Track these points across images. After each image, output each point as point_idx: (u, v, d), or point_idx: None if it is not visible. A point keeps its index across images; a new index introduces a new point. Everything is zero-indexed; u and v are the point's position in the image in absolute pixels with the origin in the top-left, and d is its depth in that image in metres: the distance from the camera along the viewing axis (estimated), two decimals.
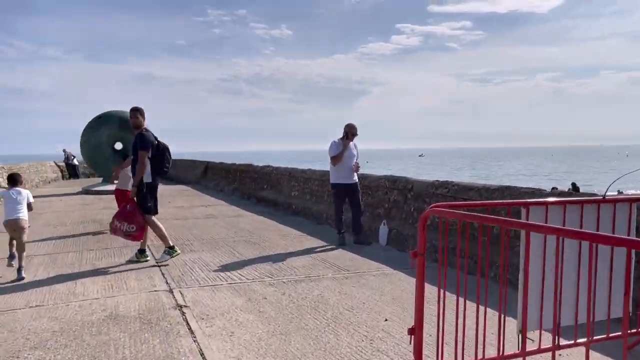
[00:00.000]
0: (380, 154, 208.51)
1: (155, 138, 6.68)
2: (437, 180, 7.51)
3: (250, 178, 15.93)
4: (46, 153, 32.12)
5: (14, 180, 6.35)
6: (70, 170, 28.16)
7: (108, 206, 13.22)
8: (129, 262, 6.67)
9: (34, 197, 6.59)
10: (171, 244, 6.72)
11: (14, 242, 5.97)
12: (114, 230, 6.58)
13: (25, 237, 6.05)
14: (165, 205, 13.74)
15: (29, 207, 6.25)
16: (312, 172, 11.54)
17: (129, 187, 7.42)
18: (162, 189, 20.19)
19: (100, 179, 19.00)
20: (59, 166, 28.11)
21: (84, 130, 18.18)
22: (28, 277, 5.90)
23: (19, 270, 5.89)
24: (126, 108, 19.58)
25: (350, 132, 7.98)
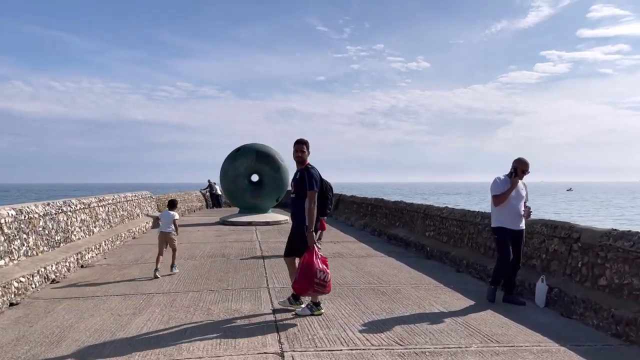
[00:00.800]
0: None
1: (319, 176, 6.02)
2: (614, 230, 5.94)
3: (381, 214, 15.06)
4: (197, 182, 34.89)
5: (171, 204, 9.07)
6: (213, 200, 29.79)
7: (239, 239, 13.22)
8: (278, 310, 6.02)
9: (181, 224, 9.31)
10: (319, 299, 5.97)
11: (161, 257, 8.41)
12: (304, 291, 5.73)
13: (175, 244, 8.84)
14: None
15: (174, 224, 8.80)
16: (450, 211, 10.33)
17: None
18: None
19: (237, 210, 19.52)
20: (203, 195, 29.90)
21: (224, 162, 18.88)
22: (141, 320, 5.61)
23: (172, 266, 8.68)
24: (269, 140, 20.29)
25: (520, 168, 6.67)
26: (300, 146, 6.00)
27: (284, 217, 18.55)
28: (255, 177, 19.25)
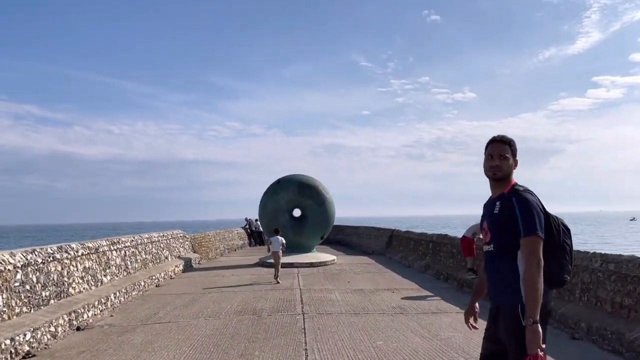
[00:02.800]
0: (581, 218, 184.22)
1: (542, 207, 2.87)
2: None
3: (446, 253, 12.63)
4: (240, 218, 33.31)
5: (276, 231, 12.49)
6: (255, 237, 27.97)
7: (278, 286, 11.10)
8: None
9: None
10: None
11: (275, 270, 11.85)
12: None
13: (280, 261, 12.02)
14: (343, 284, 11.19)
15: (283, 246, 12.20)
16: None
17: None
18: (343, 260, 18.10)
19: None
20: (246, 232, 28.14)
21: (263, 195, 17.03)
22: None
23: (276, 277, 11.66)
24: (316, 174, 18.41)
25: None
26: (501, 147, 2.93)
27: (330, 256, 16.35)
28: (297, 212, 17.27)
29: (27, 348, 5.91)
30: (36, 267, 6.90)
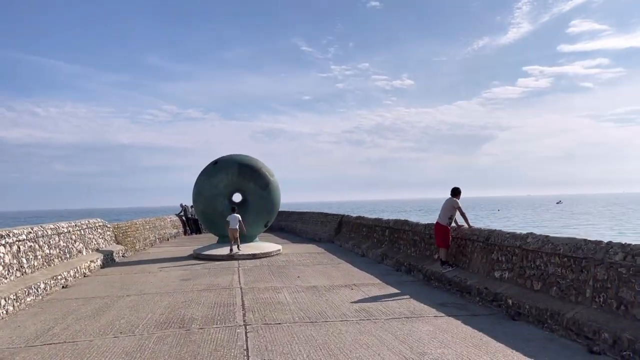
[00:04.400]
0: (512, 202, 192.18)
1: None
2: None
3: (407, 241, 11.24)
4: (175, 205, 30.77)
5: (233, 209, 13.84)
6: (191, 225, 25.77)
7: (214, 284, 9.27)
8: None
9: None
10: None
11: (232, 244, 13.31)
12: None
13: (239, 233, 13.31)
14: (292, 280, 9.54)
15: (241, 224, 13.30)
16: (541, 241, 6.53)
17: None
18: (289, 249, 16.40)
19: (216, 239, 15.57)
20: (181, 219, 25.86)
21: (198, 178, 14.98)
22: None
23: (238, 247, 13.35)
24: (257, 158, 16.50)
25: None
26: None
27: (275, 246, 14.63)
28: (237, 197, 15.38)
29: None
30: None
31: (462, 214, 8.63)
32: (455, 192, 8.81)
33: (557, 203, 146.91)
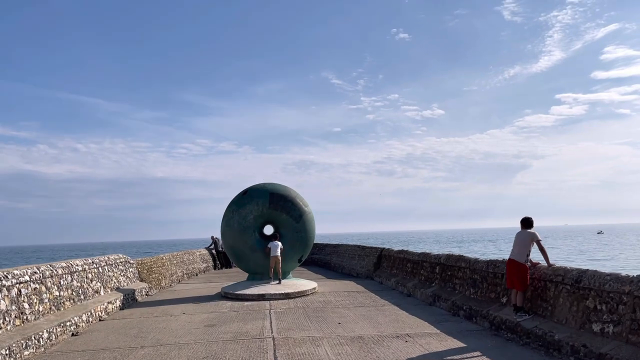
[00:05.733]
0: (550, 232, 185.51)
1: None
2: None
3: (462, 279, 9.74)
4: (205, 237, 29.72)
5: (274, 235, 13.29)
6: (221, 259, 24.64)
7: (242, 332, 7.93)
8: None
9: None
10: None
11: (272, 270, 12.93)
12: None
13: (280, 265, 12.85)
14: (332, 328, 8.12)
15: (282, 251, 12.85)
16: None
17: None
18: (326, 287, 14.93)
19: (246, 276, 14.29)
20: (210, 253, 24.78)
21: (226, 209, 13.84)
22: None
23: (279, 279, 12.88)
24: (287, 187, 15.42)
25: None
26: None
27: (310, 284, 13.26)
28: (269, 229, 14.14)
29: None
30: None
31: (542, 250, 7.14)
32: (529, 223, 7.36)
33: (598, 233, 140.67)
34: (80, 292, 9.60)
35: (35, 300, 7.76)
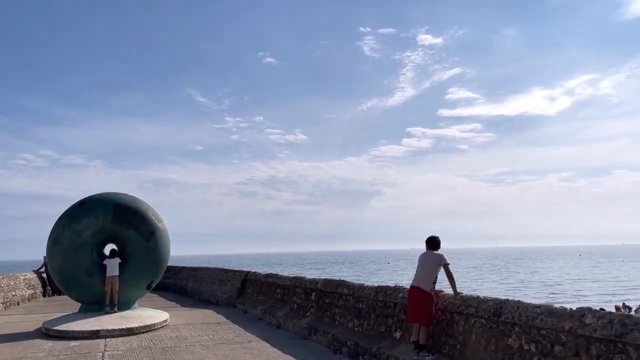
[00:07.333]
0: (398, 255, 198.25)
1: None
2: None
3: (345, 309, 8.38)
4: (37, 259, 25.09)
5: (113, 252, 11.12)
6: (52, 284, 20.75)
7: None
8: None
9: None
10: None
11: (107, 296, 10.56)
12: None
13: (117, 287, 10.61)
14: None
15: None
16: (623, 323, 4.01)
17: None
18: (180, 318, 9.66)
19: (79, 307, 11.49)
20: (41, 277, 20.75)
21: (55, 224, 11.05)
22: None
23: (114, 305, 10.59)
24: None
25: None
26: None
27: (159, 315, 10.98)
28: (109, 249, 11.58)
29: None
30: None
31: (449, 275, 5.98)
32: (436, 243, 6.23)
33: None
34: None
35: None
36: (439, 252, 6.16)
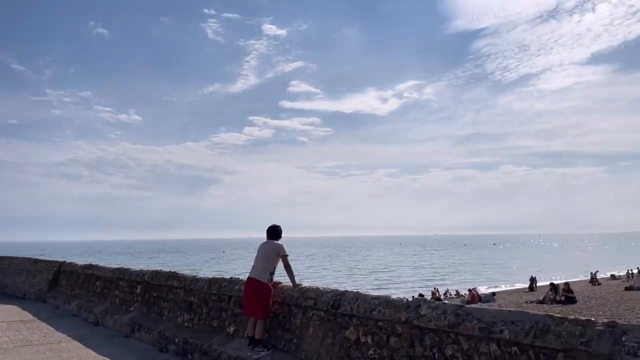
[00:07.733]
0: (236, 244, 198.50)
1: None
2: None
3: (174, 302, 7.67)
4: None
5: None
6: None
7: None
8: None
9: None
10: None
11: None
12: None
13: None
14: None
15: None
16: (457, 314, 4.04)
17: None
18: None
19: None
20: None
21: None
22: None
23: None
24: None
25: None
26: None
27: None
28: None
29: None
30: None
31: (287, 267, 5.65)
32: (277, 232, 5.88)
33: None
34: None
35: None
36: (279, 242, 5.83)
